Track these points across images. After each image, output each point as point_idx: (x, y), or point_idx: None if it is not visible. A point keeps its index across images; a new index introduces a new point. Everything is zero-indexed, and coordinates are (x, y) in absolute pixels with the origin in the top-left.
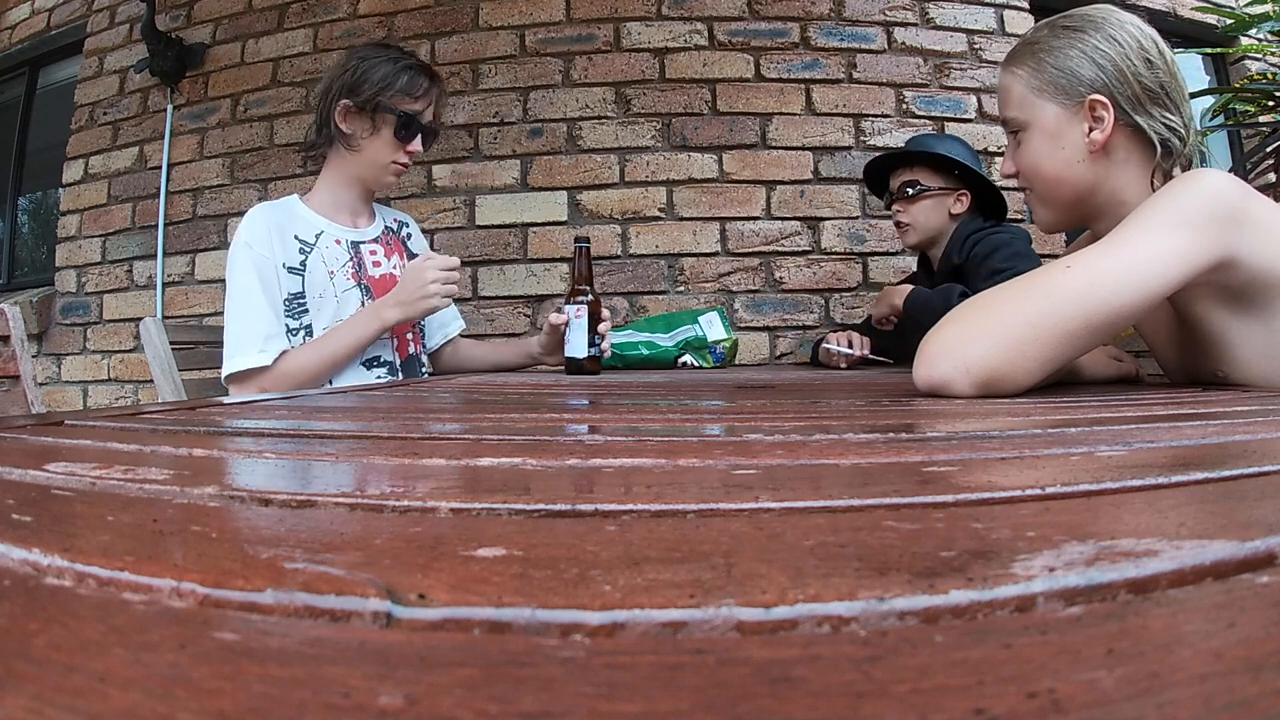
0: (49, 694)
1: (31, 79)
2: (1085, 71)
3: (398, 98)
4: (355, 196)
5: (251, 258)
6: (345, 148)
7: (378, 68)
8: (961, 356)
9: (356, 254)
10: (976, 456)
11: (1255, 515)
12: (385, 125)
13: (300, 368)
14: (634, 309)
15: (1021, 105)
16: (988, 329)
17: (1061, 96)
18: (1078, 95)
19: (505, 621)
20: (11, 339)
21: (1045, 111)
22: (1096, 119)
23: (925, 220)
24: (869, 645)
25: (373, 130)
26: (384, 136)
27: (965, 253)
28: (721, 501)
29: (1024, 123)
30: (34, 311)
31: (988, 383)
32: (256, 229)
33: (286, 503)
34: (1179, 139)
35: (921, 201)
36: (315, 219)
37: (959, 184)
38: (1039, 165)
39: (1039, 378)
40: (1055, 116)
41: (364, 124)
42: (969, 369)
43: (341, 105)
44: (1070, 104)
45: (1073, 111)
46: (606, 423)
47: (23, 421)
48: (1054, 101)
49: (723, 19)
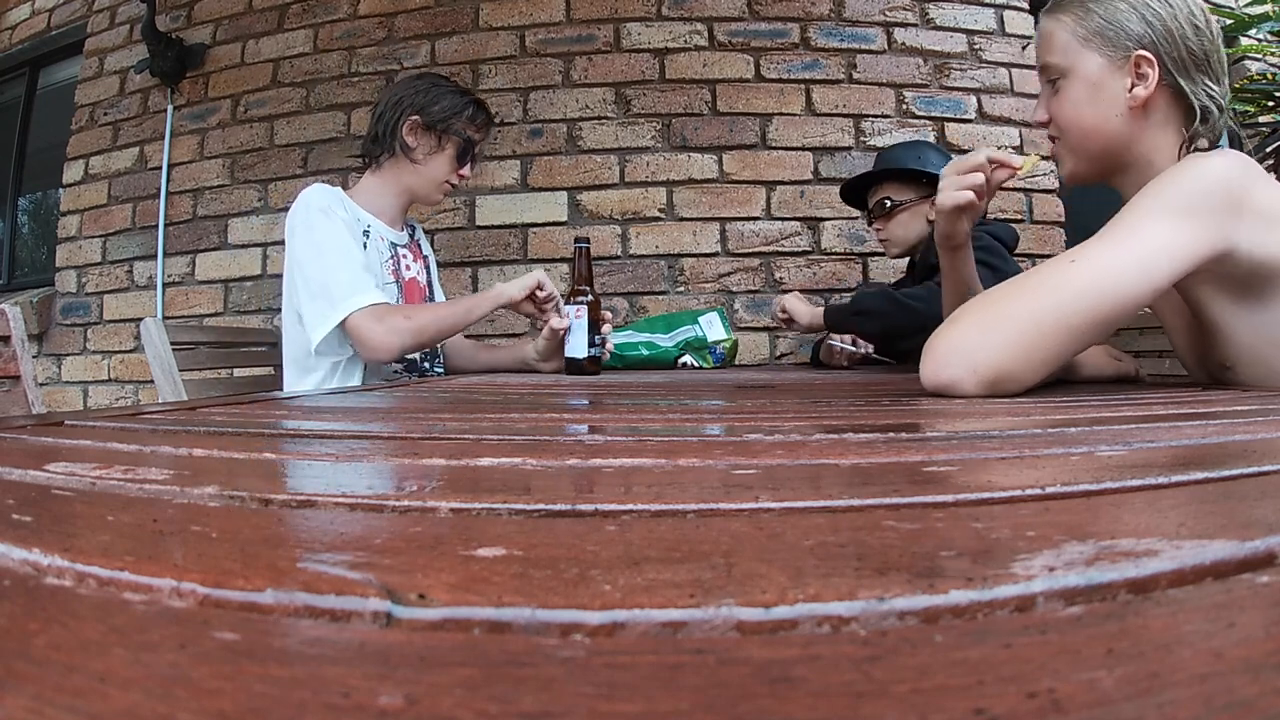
0: (49, 694)
1: (32, 79)
2: (1133, 26)
3: (464, 124)
4: (400, 205)
5: (333, 220)
6: (408, 160)
7: (449, 95)
8: (969, 357)
9: (395, 254)
10: (976, 456)
11: (1255, 515)
12: (449, 146)
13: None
14: (634, 309)
15: (1064, 52)
16: (994, 327)
17: (1107, 48)
18: (1124, 49)
19: (505, 621)
20: (12, 339)
21: (1088, 61)
22: (1140, 75)
23: (904, 233)
24: (869, 645)
25: (437, 149)
26: (446, 155)
27: None
28: (721, 501)
29: (1064, 69)
30: (34, 312)
31: (995, 382)
32: (330, 199)
33: (286, 503)
34: (1217, 109)
35: (897, 216)
36: (363, 214)
37: (931, 190)
38: (1076, 114)
39: (1044, 375)
40: (1098, 67)
41: (430, 141)
42: (976, 369)
43: (411, 120)
44: (1115, 56)
45: (1117, 65)
46: (607, 423)
47: (23, 422)
48: (1098, 52)
49: (723, 19)
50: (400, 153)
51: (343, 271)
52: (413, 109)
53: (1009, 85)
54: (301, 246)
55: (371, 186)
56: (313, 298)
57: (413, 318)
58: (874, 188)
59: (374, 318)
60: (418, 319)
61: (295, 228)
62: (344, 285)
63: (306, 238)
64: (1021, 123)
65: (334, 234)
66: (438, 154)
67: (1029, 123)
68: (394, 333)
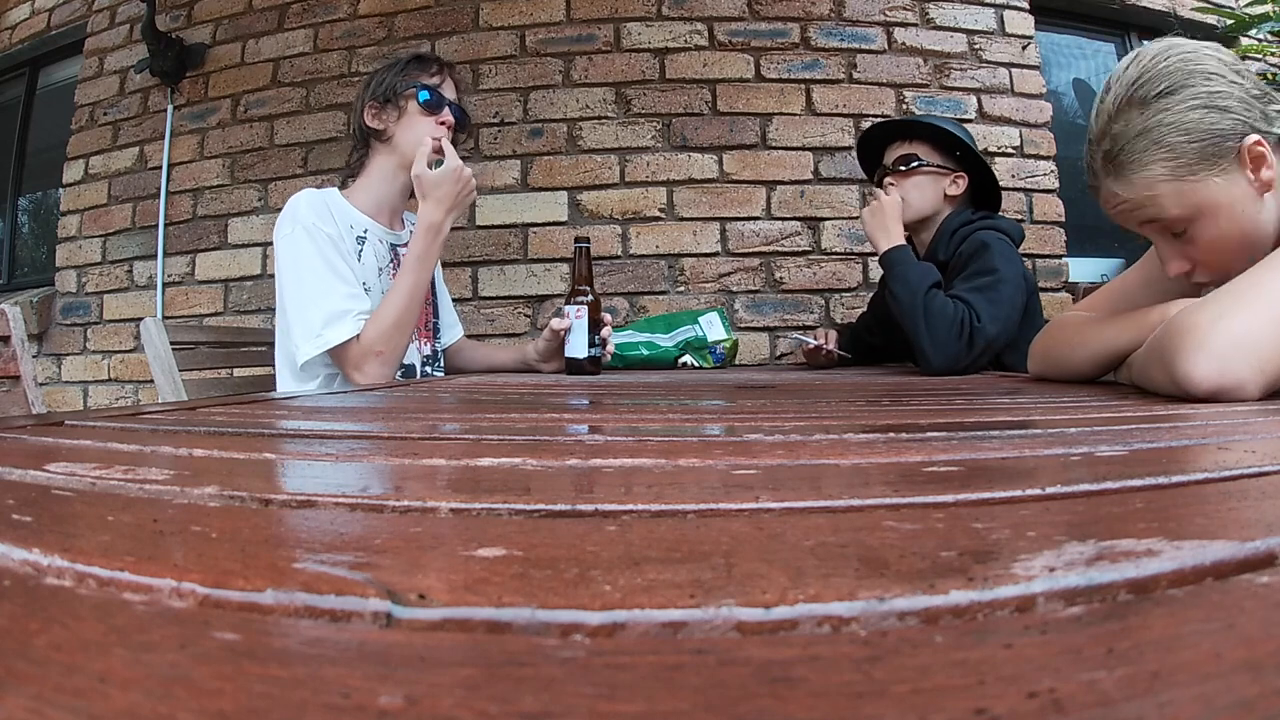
0: (49, 694)
1: (32, 79)
2: (1221, 124)
3: (411, 77)
4: (397, 193)
5: (318, 237)
6: (380, 142)
7: (390, 66)
8: (1255, 355)
9: (395, 256)
10: (976, 456)
11: (1255, 515)
12: (408, 104)
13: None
14: (634, 309)
15: (1179, 201)
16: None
17: (1216, 163)
18: (1228, 151)
19: (505, 621)
20: (12, 339)
21: (1209, 190)
22: (1255, 159)
23: (919, 197)
24: (869, 645)
25: (399, 114)
26: (411, 114)
27: (952, 250)
28: (721, 501)
29: (1192, 216)
30: (34, 312)
31: (1276, 382)
32: (317, 209)
33: (286, 503)
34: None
35: (917, 177)
36: (360, 216)
37: (959, 166)
38: (1230, 242)
39: None
40: (1220, 187)
41: (390, 113)
42: (1263, 368)
43: (369, 108)
44: (1227, 163)
45: (1233, 170)
46: (607, 423)
47: (23, 422)
48: (1210, 175)
49: (723, 19)
50: (374, 141)
51: (323, 302)
52: (367, 98)
53: (1009, 85)
54: (285, 267)
55: (365, 185)
56: (296, 322)
57: (384, 350)
58: (896, 143)
59: (352, 365)
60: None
61: (280, 240)
62: (322, 317)
63: (290, 258)
64: (1021, 122)
65: (315, 259)
66: (403, 119)
67: (1029, 123)
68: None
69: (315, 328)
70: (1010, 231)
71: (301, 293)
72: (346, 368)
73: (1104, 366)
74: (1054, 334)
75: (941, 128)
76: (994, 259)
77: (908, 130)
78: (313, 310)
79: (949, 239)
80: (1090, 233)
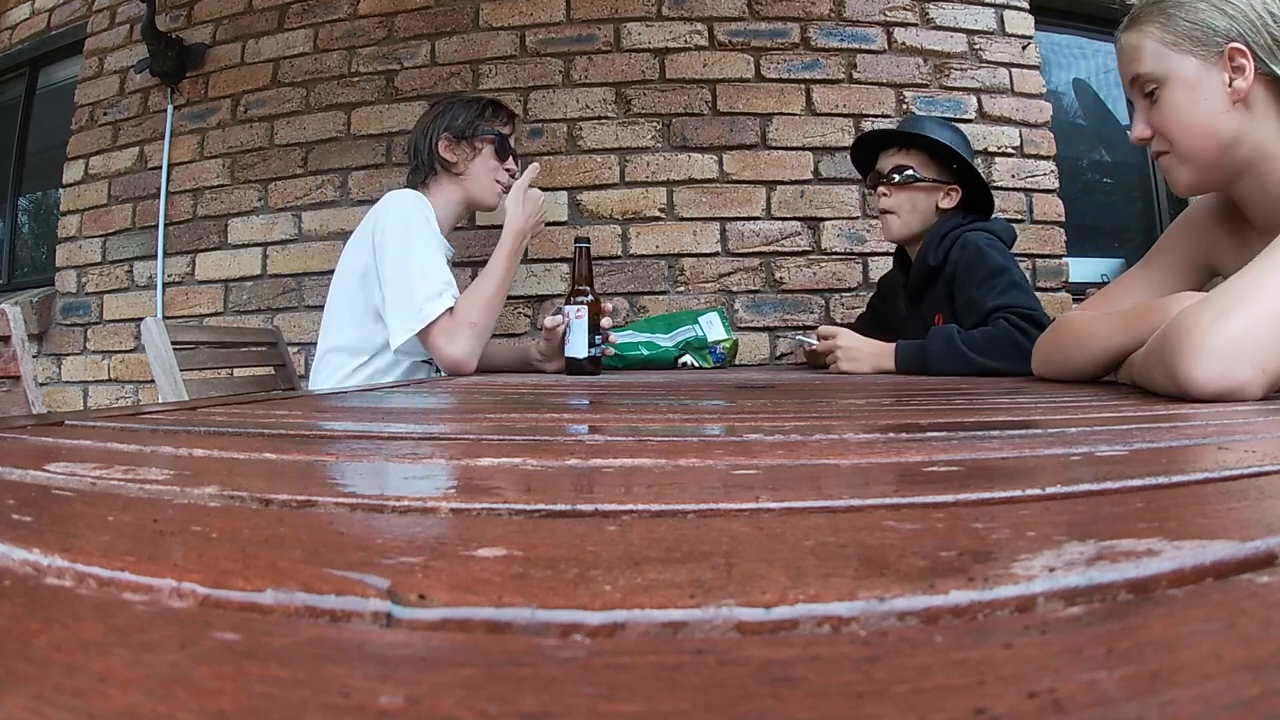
0: (49, 694)
1: (31, 79)
2: (1219, 22)
3: (488, 122)
4: (452, 216)
5: (432, 226)
6: (452, 174)
7: (466, 105)
8: (1257, 355)
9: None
10: (976, 456)
11: (1255, 515)
12: (484, 146)
13: (477, 297)
14: (634, 309)
15: (1156, 60)
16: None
17: (1198, 48)
18: (1215, 45)
19: (505, 621)
20: (12, 339)
21: (1183, 64)
22: (1236, 68)
23: (911, 211)
24: (869, 645)
25: (474, 154)
26: (484, 156)
27: (941, 255)
28: (721, 501)
29: (1160, 77)
30: (34, 312)
31: (1277, 382)
32: (425, 208)
33: (286, 503)
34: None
35: (911, 191)
36: None
37: (953, 179)
38: (1183, 119)
39: None
40: (1194, 68)
41: (466, 150)
42: (1265, 368)
43: (444, 139)
44: (1208, 54)
45: (1211, 62)
46: (607, 423)
47: (23, 421)
48: (1191, 53)
49: (723, 19)
50: (443, 170)
51: (428, 279)
52: (441, 128)
53: (1009, 85)
54: (392, 249)
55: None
56: (396, 303)
57: (477, 323)
58: (891, 151)
59: (445, 336)
60: (483, 321)
61: (389, 227)
62: (425, 293)
63: (399, 241)
64: (1021, 122)
65: (429, 242)
66: (477, 158)
67: (1029, 122)
68: (464, 350)
69: (418, 302)
70: (1000, 232)
71: (408, 269)
72: (439, 340)
73: (1106, 366)
74: (1057, 334)
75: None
76: (995, 258)
77: (905, 139)
78: (419, 284)
79: (938, 243)
80: (1090, 233)
